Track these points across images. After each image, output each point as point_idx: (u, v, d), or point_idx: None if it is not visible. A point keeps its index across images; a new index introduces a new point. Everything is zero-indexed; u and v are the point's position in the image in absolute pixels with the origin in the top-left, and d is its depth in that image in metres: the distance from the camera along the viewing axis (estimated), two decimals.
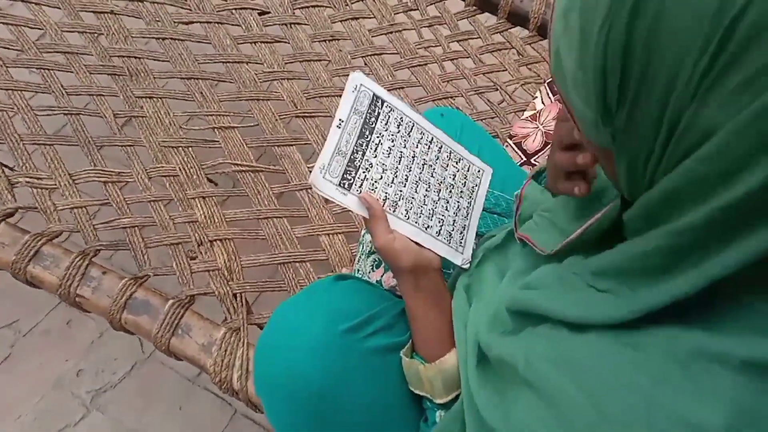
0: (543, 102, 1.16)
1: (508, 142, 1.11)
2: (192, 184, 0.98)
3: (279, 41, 1.21)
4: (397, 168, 0.64)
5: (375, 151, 0.62)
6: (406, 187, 0.64)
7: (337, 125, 0.60)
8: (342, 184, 0.60)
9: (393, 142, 0.64)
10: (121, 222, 0.92)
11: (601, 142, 0.36)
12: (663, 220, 0.32)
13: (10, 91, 1.02)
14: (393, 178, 0.63)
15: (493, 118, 1.16)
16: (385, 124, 0.64)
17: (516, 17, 1.29)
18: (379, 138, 0.63)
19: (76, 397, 1.15)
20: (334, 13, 1.26)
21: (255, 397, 0.78)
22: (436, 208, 0.66)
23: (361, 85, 0.62)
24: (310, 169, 1.02)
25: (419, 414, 0.64)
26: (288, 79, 1.14)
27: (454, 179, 0.69)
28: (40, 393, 1.15)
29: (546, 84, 1.20)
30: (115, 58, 1.10)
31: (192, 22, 1.20)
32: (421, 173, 0.66)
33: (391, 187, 0.63)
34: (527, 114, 1.15)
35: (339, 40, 1.23)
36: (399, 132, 0.65)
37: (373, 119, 0.63)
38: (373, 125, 0.63)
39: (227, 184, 1.05)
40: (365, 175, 0.61)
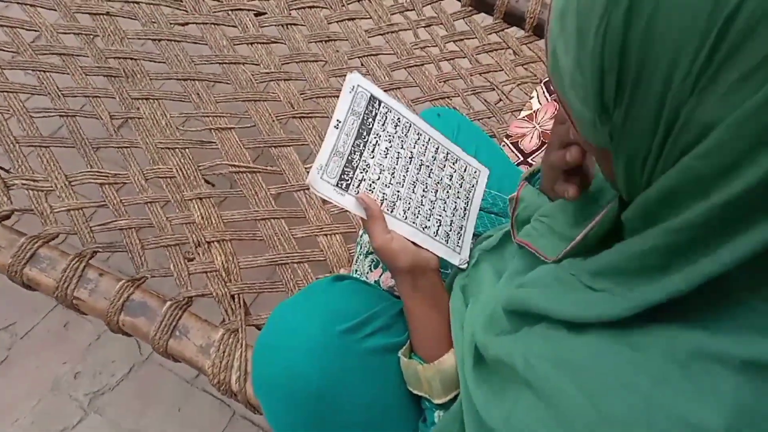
0: (539, 102, 1.17)
1: (505, 142, 1.12)
2: (189, 185, 0.98)
3: (275, 42, 1.21)
4: (394, 168, 0.64)
5: (372, 151, 0.62)
6: (403, 187, 0.64)
7: (334, 126, 0.60)
8: (339, 185, 0.60)
9: (390, 142, 0.64)
10: (118, 224, 0.91)
11: (599, 141, 0.36)
12: (661, 218, 0.32)
13: (6, 93, 1.01)
14: (390, 179, 0.63)
15: (489, 117, 1.17)
16: (383, 125, 0.64)
17: (512, 17, 1.29)
18: (377, 139, 0.63)
19: (74, 399, 1.15)
20: (331, 14, 1.26)
21: (254, 398, 0.77)
22: (433, 209, 0.66)
23: (358, 86, 0.62)
24: (307, 169, 1.02)
25: (418, 414, 0.64)
26: (285, 79, 1.14)
27: (451, 180, 0.69)
28: (37, 396, 1.15)
29: (542, 84, 1.20)
30: (111, 60, 1.10)
31: (188, 23, 1.20)
32: (418, 174, 0.66)
33: (388, 187, 0.63)
34: (524, 114, 1.16)
35: (335, 40, 1.23)
36: (396, 133, 0.65)
37: (370, 120, 0.63)
38: (371, 126, 0.63)
39: (224, 185, 1.05)
40: (363, 176, 0.61)
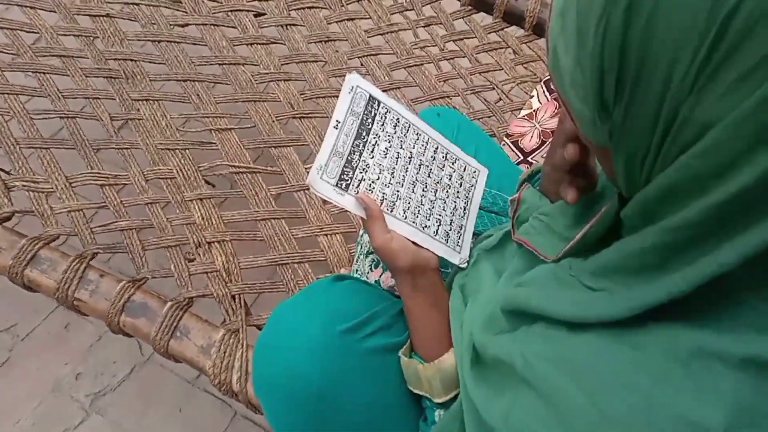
0: (539, 101, 1.17)
1: (505, 141, 1.12)
2: (189, 186, 0.98)
3: (275, 42, 1.21)
4: (393, 168, 0.64)
5: (372, 151, 0.63)
6: (403, 187, 0.64)
7: (333, 126, 0.60)
8: (339, 185, 0.60)
9: (389, 143, 0.64)
10: (118, 225, 0.92)
11: (599, 140, 0.36)
12: (659, 216, 0.32)
13: (6, 95, 1.01)
14: (390, 179, 0.63)
15: (489, 117, 1.17)
16: (382, 125, 0.64)
17: (511, 16, 1.29)
18: (376, 139, 0.63)
19: (75, 400, 1.15)
20: (330, 14, 1.26)
21: (255, 398, 0.78)
22: (433, 208, 0.66)
23: (357, 86, 0.62)
24: (307, 170, 1.02)
25: (418, 413, 0.64)
26: (284, 80, 1.14)
27: (450, 179, 0.69)
28: (38, 397, 1.15)
29: (542, 83, 1.20)
30: (111, 61, 1.10)
31: (187, 24, 1.20)
32: (417, 173, 0.66)
33: (388, 187, 0.63)
34: (524, 113, 1.16)
35: (335, 41, 1.23)
36: (395, 133, 0.65)
37: (369, 120, 0.63)
38: (370, 126, 0.63)
39: (225, 185, 1.05)
40: (362, 176, 0.61)
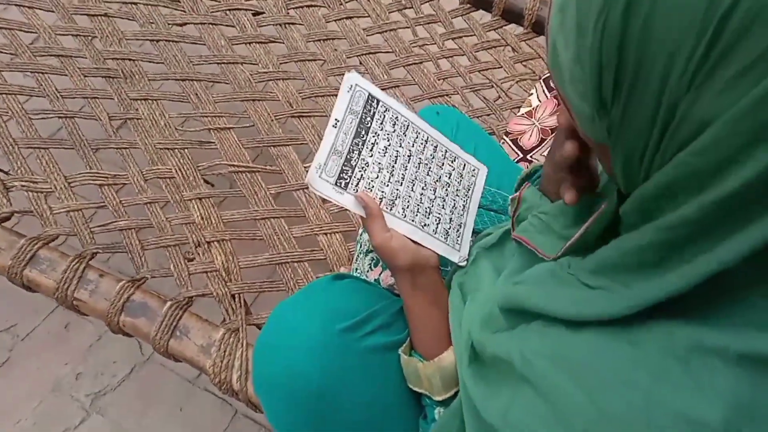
0: (539, 99, 1.16)
1: (505, 139, 1.11)
2: (188, 185, 0.98)
3: (273, 41, 1.20)
4: (393, 167, 0.64)
5: (371, 150, 0.62)
6: (402, 185, 0.64)
7: (332, 125, 0.60)
8: (339, 184, 0.60)
9: (389, 141, 0.64)
10: (117, 224, 0.91)
11: (597, 136, 0.36)
12: (657, 214, 0.32)
13: (4, 95, 1.01)
14: (389, 177, 0.63)
15: (489, 115, 1.17)
16: (381, 124, 0.64)
17: (510, 14, 1.29)
18: (375, 137, 0.63)
19: (76, 400, 1.15)
20: (329, 13, 1.26)
21: (255, 397, 0.78)
22: (432, 207, 0.66)
23: (356, 85, 0.62)
24: (306, 168, 1.02)
25: (418, 411, 0.64)
26: (283, 79, 1.14)
27: (449, 178, 0.69)
28: (39, 397, 1.15)
29: (541, 80, 1.20)
30: (109, 61, 1.10)
31: (186, 23, 1.20)
32: (417, 172, 0.66)
33: (387, 186, 0.63)
34: (523, 111, 1.15)
35: (334, 39, 1.22)
36: (394, 131, 0.65)
37: (368, 119, 0.63)
38: (369, 125, 0.63)
39: (224, 185, 1.05)
40: (362, 174, 0.61)
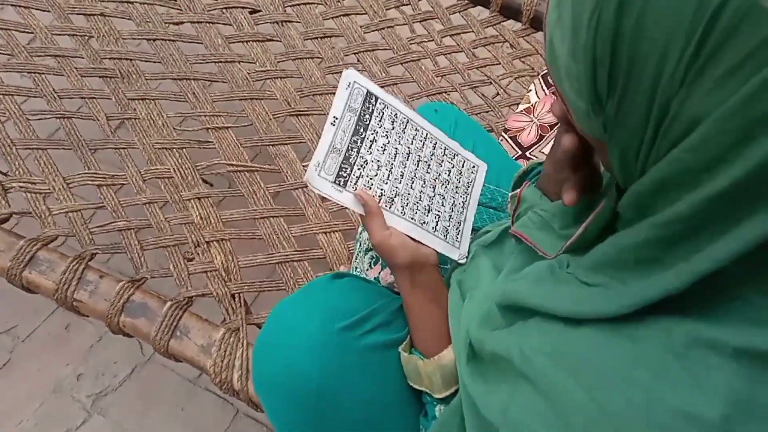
0: (537, 95, 1.16)
1: (503, 136, 1.11)
2: (187, 185, 0.98)
3: (271, 40, 1.20)
4: (392, 164, 0.63)
5: (370, 148, 0.62)
6: (401, 183, 0.64)
7: (331, 123, 0.60)
8: (337, 182, 0.60)
9: (388, 138, 0.64)
10: (116, 225, 0.91)
11: (594, 132, 0.36)
12: (652, 210, 0.32)
13: (1, 96, 1.01)
14: (388, 175, 0.63)
15: (487, 112, 1.16)
16: (380, 121, 0.63)
17: (508, 10, 1.28)
18: (374, 135, 0.63)
19: (77, 401, 1.15)
20: (326, 10, 1.26)
21: (256, 396, 0.78)
22: (431, 204, 0.66)
23: (354, 82, 0.62)
24: (305, 167, 1.01)
25: (418, 409, 0.64)
26: (281, 77, 1.14)
27: (449, 175, 0.69)
28: (40, 398, 1.15)
29: (540, 77, 1.20)
30: (106, 61, 1.10)
31: (182, 22, 1.19)
32: (416, 169, 0.65)
33: (386, 183, 0.63)
34: (522, 107, 1.15)
35: (331, 37, 1.22)
36: (393, 129, 0.64)
37: (367, 116, 0.63)
38: (368, 122, 0.63)
39: (223, 184, 1.05)
40: (360, 172, 0.61)
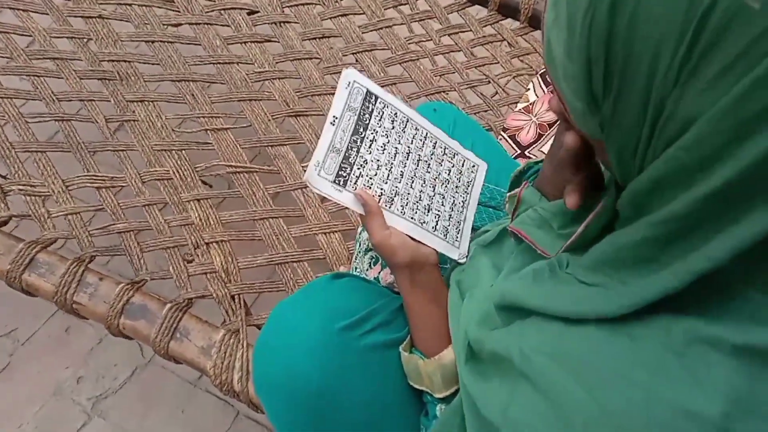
0: (536, 94, 1.16)
1: (502, 135, 1.11)
2: (186, 186, 0.98)
3: (269, 40, 1.20)
4: (392, 164, 0.63)
5: (369, 147, 0.62)
6: (401, 183, 0.64)
7: (330, 122, 0.60)
8: (337, 181, 0.60)
9: (387, 138, 0.64)
10: (116, 227, 0.91)
11: (592, 131, 0.36)
12: (649, 209, 0.32)
13: (0, 99, 1.01)
14: (388, 174, 0.63)
15: (486, 111, 1.16)
16: (379, 121, 0.63)
17: (506, 9, 1.29)
18: (374, 134, 0.63)
19: (77, 404, 1.15)
20: (324, 11, 1.26)
21: (256, 398, 0.77)
22: (431, 204, 0.66)
23: (354, 81, 0.62)
24: (304, 168, 1.01)
25: (419, 409, 0.64)
26: (279, 78, 1.14)
27: (449, 174, 0.69)
28: (40, 401, 1.14)
29: (538, 75, 1.20)
30: (104, 63, 1.10)
31: (181, 24, 1.19)
32: (416, 169, 0.65)
33: (386, 183, 0.63)
34: (520, 106, 1.15)
35: (329, 37, 1.22)
36: (393, 128, 0.64)
37: (366, 116, 0.62)
38: (367, 122, 0.62)
39: (222, 185, 1.05)
40: (360, 172, 0.61)
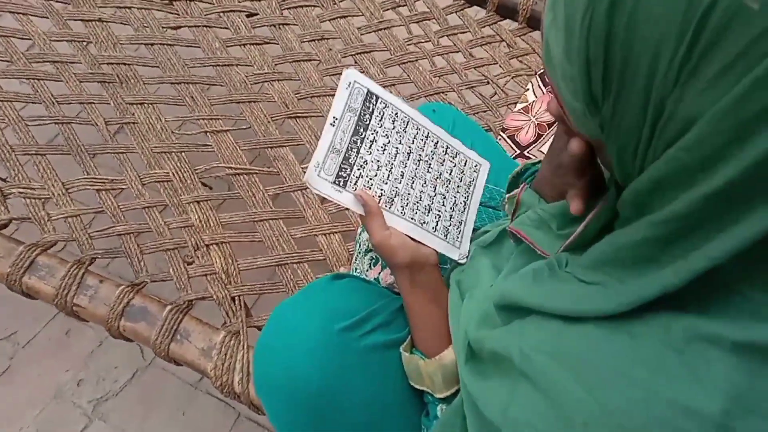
0: (535, 94, 1.16)
1: (501, 136, 1.11)
2: (186, 188, 0.98)
3: (268, 42, 1.20)
4: (392, 164, 0.63)
5: (370, 148, 0.62)
6: (401, 183, 0.64)
7: (330, 123, 0.60)
8: (337, 182, 0.60)
9: (388, 138, 0.64)
10: (116, 229, 0.91)
11: (591, 132, 0.36)
12: (650, 209, 0.32)
13: (0, 102, 1.01)
14: (388, 175, 0.63)
15: (485, 111, 1.16)
16: (380, 121, 0.63)
17: (505, 9, 1.29)
18: (374, 135, 0.63)
19: (78, 406, 1.15)
20: (323, 12, 1.26)
21: (257, 399, 0.77)
22: (432, 204, 0.66)
23: (354, 81, 0.62)
24: (304, 169, 1.02)
25: (420, 409, 0.64)
26: (279, 80, 1.14)
27: (450, 174, 0.69)
28: (41, 404, 1.14)
29: (537, 76, 1.20)
30: (104, 66, 1.10)
31: (180, 26, 1.20)
32: (417, 169, 0.65)
33: (386, 183, 0.63)
34: (519, 106, 1.15)
35: (328, 39, 1.22)
36: (394, 128, 0.64)
37: (367, 116, 0.62)
38: (368, 122, 0.62)
39: (222, 187, 1.05)
40: (360, 173, 0.61)
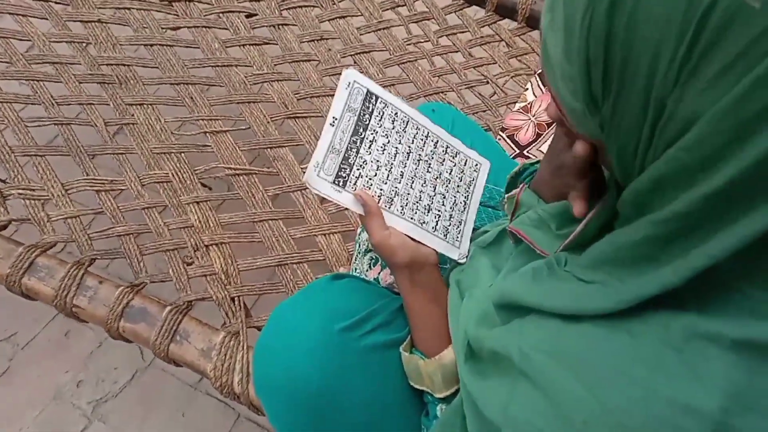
0: (534, 93, 1.16)
1: (501, 135, 1.11)
2: (186, 189, 0.98)
3: (267, 43, 1.20)
4: (392, 164, 0.63)
5: (369, 147, 0.62)
6: (401, 183, 0.64)
7: (330, 123, 0.60)
8: (337, 182, 0.60)
9: (387, 138, 0.64)
10: (115, 230, 0.91)
11: (591, 133, 0.36)
12: (650, 208, 0.32)
13: (0, 104, 1.01)
14: (388, 175, 0.63)
15: (484, 111, 1.16)
16: (379, 121, 0.63)
17: (504, 9, 1.29)
18: (374, 135, 0.63)
19: (77, 408, 1.14)
20: (322, 13, 1.26)
21: (257, 400, 0.77)
22: (432, 204, 0.66)
23: (354, 81, 0.62)
24: (303, 170, 1.01)
25: (419, 409, 0.64)
26: (278, 80, 1.14)
27: (450, 174, 0.69)
28: (40, 405, 1.14)
29: (536, 75, 1.20)
30: (104, 67, 1.10)
31: (179, 27, 1.20)
32: (416, 169, 0.65)
33: (386, 183, 0.63)
34: (519, 106, 1.15)
35: (327, 39, 1.22)
36: (393, 128, 0.64)
37: (366, 116, 0.62)
38: (367, 122, 0.62)
39: (221, 188, 1.05)
40: (360, 173, 0.61)
